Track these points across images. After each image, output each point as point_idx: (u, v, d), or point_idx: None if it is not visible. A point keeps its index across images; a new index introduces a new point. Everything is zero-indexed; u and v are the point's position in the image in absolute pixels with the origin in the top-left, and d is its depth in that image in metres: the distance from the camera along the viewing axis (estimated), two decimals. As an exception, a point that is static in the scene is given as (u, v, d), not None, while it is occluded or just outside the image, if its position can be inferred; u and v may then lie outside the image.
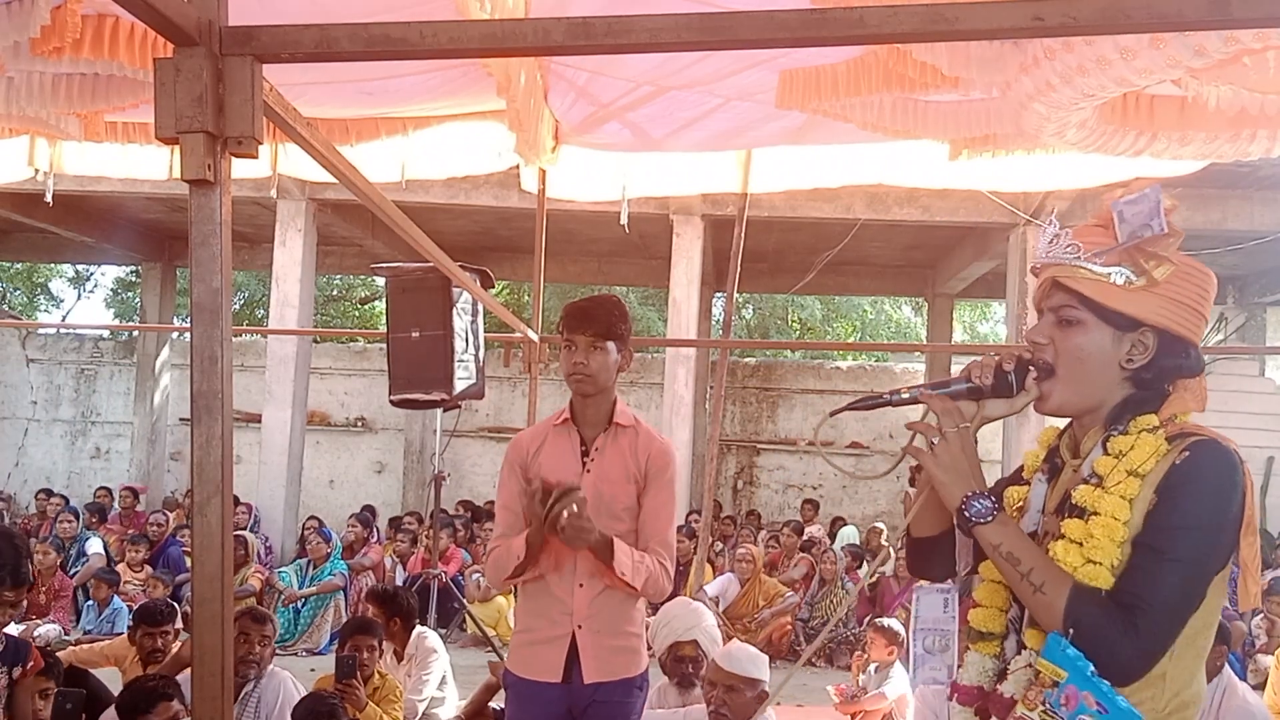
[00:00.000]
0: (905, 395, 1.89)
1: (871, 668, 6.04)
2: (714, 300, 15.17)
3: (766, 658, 4.26)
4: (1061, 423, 1.95)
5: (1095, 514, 1.71)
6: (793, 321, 22.16)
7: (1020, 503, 1.95)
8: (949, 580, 2.21)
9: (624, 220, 6.08)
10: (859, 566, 9.94)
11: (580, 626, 3.06)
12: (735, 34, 1.65)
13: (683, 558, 9.42)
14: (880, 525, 11.32)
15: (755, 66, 3.94)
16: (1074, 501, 1.76)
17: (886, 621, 6.19)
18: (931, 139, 4.39)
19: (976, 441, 1.84)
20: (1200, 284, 1.79)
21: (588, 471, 3.12)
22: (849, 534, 11.60)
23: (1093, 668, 1.60)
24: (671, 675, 4.84)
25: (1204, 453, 1.68)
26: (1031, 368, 1.83)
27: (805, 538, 10.77)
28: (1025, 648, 1.79)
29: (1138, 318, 1.76)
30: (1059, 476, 1.89)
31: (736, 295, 9.27)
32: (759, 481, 15.61)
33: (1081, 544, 1.70)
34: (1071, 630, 1.64)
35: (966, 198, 9.62)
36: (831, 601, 8.97)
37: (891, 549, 10.45)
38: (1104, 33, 2.62)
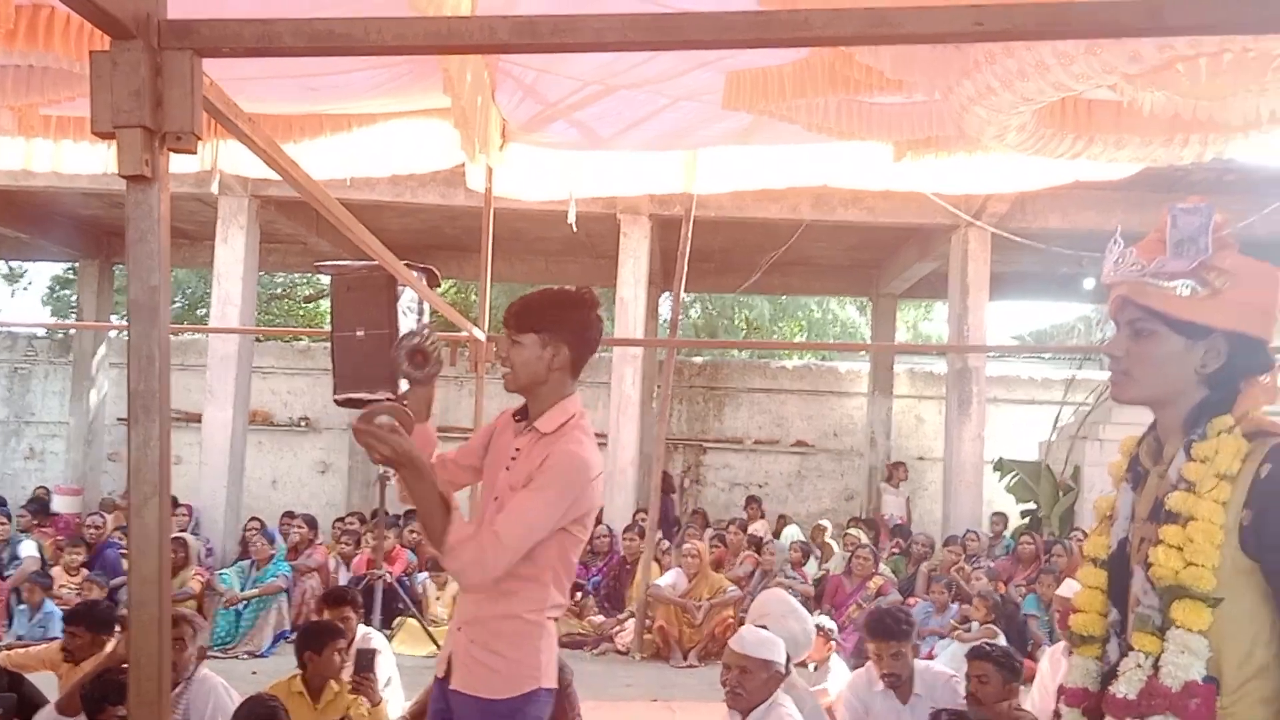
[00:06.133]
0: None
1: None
2: (661, 299, 15.20)
3: (780, 641, 4.35)
4: (1138, 431, 2.03)
5: (1192, 519, 1.78)
6: (740, 321, 22.26)
7: (1110, 511, 2.03)
8: None
9: (571, 219, 6.06)
10: (804, 563, 10.03)
11: (460, 628, 2.85)
12: (681, 34, 1.65)
13: (630, 556, 9.45)
14: (824, 523, 11.41)
15: (702, 67, 3.96)
16: (1168, 508, 1.83)
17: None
18: (875, 140, 4.43)
19: None
20: (1268, 284, 1.86)
21: (507, 470, 2.82)
22: (792, 532, 11.70)
23: None
24: None
25: None
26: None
27: (750, 534, 10.84)
28: (1133, 649, 1.85)
29: (1208, 325, 1.83)
30: (1144, 483, 1.96)
31: (683, 295, 9.30)
32: (705, 480, 15.66)
33: (1181, 549, 1.78)
34: None
35: (910, 199, 9.73)
36: (776, 597, 9.03)
37: (836, 544, 10.55)
38: (1043, 38, 2.66)
